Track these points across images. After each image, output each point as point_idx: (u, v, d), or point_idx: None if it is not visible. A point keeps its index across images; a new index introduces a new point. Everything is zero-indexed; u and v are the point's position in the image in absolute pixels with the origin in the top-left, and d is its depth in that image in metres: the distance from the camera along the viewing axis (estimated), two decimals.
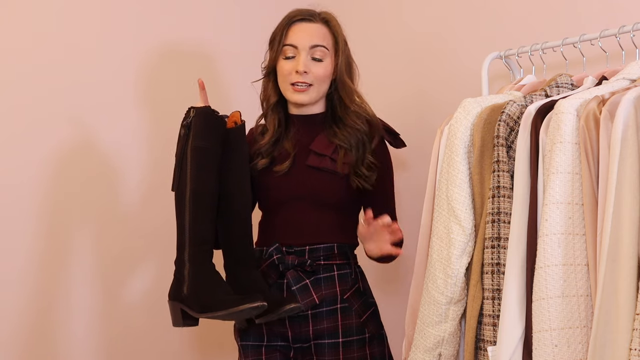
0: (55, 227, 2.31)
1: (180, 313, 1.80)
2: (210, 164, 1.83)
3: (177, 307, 1.80)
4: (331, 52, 1.93)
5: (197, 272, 1.78)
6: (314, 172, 1.91)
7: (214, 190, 1.83)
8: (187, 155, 1.82)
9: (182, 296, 1.78)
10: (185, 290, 1.78)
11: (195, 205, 1.80)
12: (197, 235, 1.80)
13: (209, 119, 1.85)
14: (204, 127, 1.83)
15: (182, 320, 1.81)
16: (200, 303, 1.75)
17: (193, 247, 1.79)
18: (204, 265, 1.79)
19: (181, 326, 1.82)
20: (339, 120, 1.95)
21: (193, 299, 1.76)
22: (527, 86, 1.77)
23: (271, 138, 1.96)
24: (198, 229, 1.80)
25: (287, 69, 1.91)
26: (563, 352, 1.41)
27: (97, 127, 2.38)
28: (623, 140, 1.33)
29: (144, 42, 2.47)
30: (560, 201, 1.42)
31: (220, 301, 1.74)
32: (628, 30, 1.62)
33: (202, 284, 1.77)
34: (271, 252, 1.89)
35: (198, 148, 1.81)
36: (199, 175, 1.81)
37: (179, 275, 1.81)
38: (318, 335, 1.88)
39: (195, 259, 1.79)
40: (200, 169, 1.81)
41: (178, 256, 1.82)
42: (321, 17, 1.94)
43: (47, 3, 2.31)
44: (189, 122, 1.83)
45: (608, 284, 1.32)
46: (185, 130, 1.84)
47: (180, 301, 1.79)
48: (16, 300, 2.25)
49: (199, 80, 1.94)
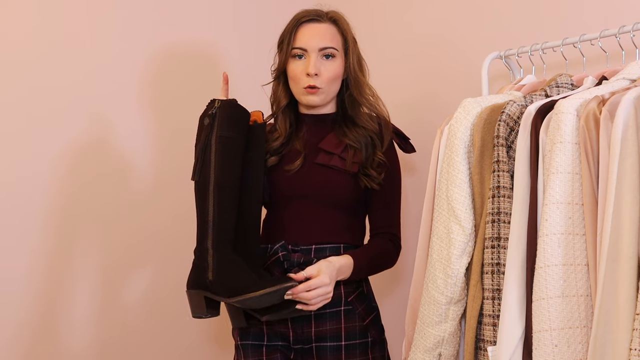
0: (62, 225, 2.31)
1: (203, 301, 1.78)
2: (235, 154, 1.82)
3: (200, 295, 1.78)
4: (341, 52, 1.92)
5: (222, 259, 1.77)
6: (323, 170, 1.90)
7: (237, 180, 1.83)
8: (212, 145, 1.81)
9: (207, 283, 1.76)
10: (211, 277, 1.76)
11: (220, 195, 1.79)
12: (221, 224, 1.79)
13: (235, 110, 1.85)
14: (229, 118, 1.83)
15: (205, 308, 1.78)
16: (228, 287, 1.73)
17: (217, 235, 1.78)
18: (228, 253, 1.78)
19: (203, 315, 1.79)
20: (349, 120, 1.94)
21: (220, 284, 1.75)
22: (527, 86, 1.77)
23: (282, 139, 1.95)
24: (222, 218, 1.79)
25: (298, 72, 1.90)
26: (563, 352, 1.41)
27: (106, 126, 2.39)
28: (623, 140, 1.33)
29: (155, 42, 2.48)
30: (560, 201, 1.42)
31: (251, 284, 1.71)
32: (628, 30, 1.62)
33: (228, 270, 1.75)
34: (276, 249, 1.87)
35: (223, 137, 1.81)
36: (223, 165, 1.80)
37: (201, 263, 1.79)
38: (320, 338, 1.87)
39: (220, 246, 1.78)
40: (225, 158, 1.81)
41: (199, 245, 1.80)
42: (329, 16, 1.93)
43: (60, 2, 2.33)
44: (214, 112, 1.83)
45: (608, 284, 1.32)
46: (210, 120, 1.83)
47: (205, 288, 1.77)
48: (22, 295, 2.25)
49: (223, 74, 1.94)
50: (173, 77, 2.52)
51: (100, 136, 2.39)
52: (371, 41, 2.35)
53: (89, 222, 2.36)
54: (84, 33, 2.36)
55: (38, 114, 2.27)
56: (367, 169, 1.89)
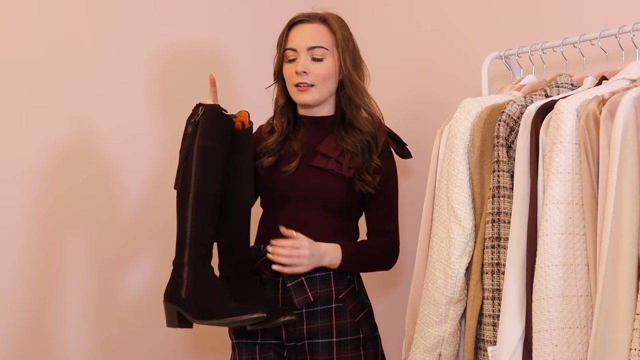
0: (50, 225, 2.30)
1: (175, 315, 1.79)
2: (216, 165, 1.80)
3: (173, 309, 1.79)
4: (332, 51, 1.93)
5: (196, 276, 1.77)
6: (319, 173, 1.92)
7: (217, 192, 1.81)
8: (193, 155, 1.78)
9: (180, 299, 1.77)
10: (184, 294, 1.77)
11: (198, 207, 1.78)
12: (198, 237, 1.78)
13: (218, 118, 1.82)
14: (211, 127, 1.79)
15: (177, 322, 1.80)
16: (199, 308, 1.74)
17: (193, 249, 1.78)
18: (203, 270, 1.78)
19: (175, 327, 1.81)
20: (347, 123, 1.95)
21: (191, 303, 1.75)
22: (527, 86, 1.77)
23: (278, 137, 1.97)
24: (199, 231, 1.78)
25: (290, 72, 1.93)
26: (563, 352, 1.41)
27: (98, 125, 2.38)
28: (623, 140, 1.33)
29: (155, 43, 2.47)
30: (560, 201, 1.42)
31: (220, 309, 1.73)
32: (628, 30, 1.62)
33: (200, 289, 1.76)
34: (267, 249, 1.88)
35: (205, 148, 1.78)
36: (203, 176, 1.78)
37: (177, 278, 1.79)
38: (312, 335, 1.88)
39: (196, 262, 1.78)
40: (206, 170, 1.78)
41: (177, 257, 1.80)
42: (319, 16, 1.95)
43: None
44: (197, 120, 1.80)
45: (608, 284, 1.32)
46: (193, 128, 1.80)
47: (178, 304, 1.78)
48: (9, 297, 2.24)
49: (210, 76, 1.92)
50: (172, 77, 2.51)
51: (97, 136, 2.38)
52: (371, 41, 2.35)
53: (82, 222, 2.35)
54: (83, 33, 2.36)
55: (35, 113, 2.27)
56: (363, 174, 1.91)
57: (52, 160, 2.31)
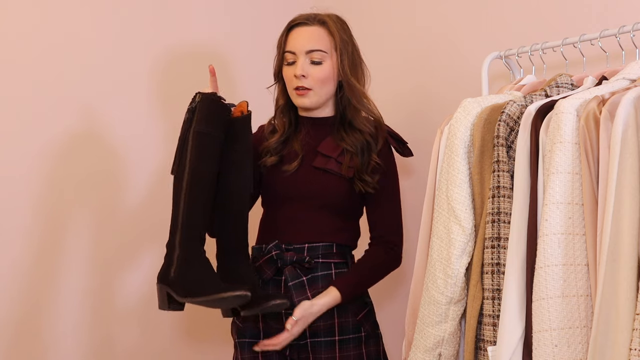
0: (50, 222, 2.31)
1: (166, 296, 1.80)
2: (210, 150, 1.82)
3: (164, 290, 1.80)
4: (330, 54, 1.93)
5: (185, 257, 1.77)
6: (320, 174, 1.93)
7: (212, 177, 1.82)
8: (189, 140, 1.81)
9: (169, 279, 1.78)
10: (172, 274, 1.77)
11: (192, 190, 1.79)
12: (190, 220, 1.79)
13: (214, 105, 1.85)
14: (207, 113, 1.83)
15: (167, 303, 1.80)
16: (185, 288, 1.75)
17: (185, 231, 1.79)
18: (193, 251, 1.79)
19: (166, 309, 1.81)
20: (347, 124, 1.96)
21: (179, 282, 1.76)
22: (527, 86, 1.77)
23: (280, 137, 1.98)
24: (192, 214, 1.79)
25: (289, 75, 1.94)
26: (563, 352, 1.41)
27: (101, 123, 2.39)
28: (623, 140, 1.33)
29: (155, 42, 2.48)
30: (560, 201, 1.42)
31: (204, 287, 1.73)
32: (628, 30, 1.62)
33: (189, 269, 1.76)
34: (270, 248, 1.90)
35: (200, 133, 1.81)
36: (198, 161, 1.80)
37: (168, 259, 1.81)
38: (314, 333, 1.89)
39: (187, 244, 1.78)
40: (200, 154, 1.80)
41: (170, 239, 1.82)
42: (318, 19, 1.94)
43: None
44: (194, 106, 1.84)
45: (608, 284, 1.32)
46: (190, 115, 1.84)
47: (167, 284, 1.78)
48: (7, 295, 2.24)
49: (210, 66, 1.93)
50: (172, 77, 2.51)
51: (98, 134, 2.38)
52: (371, 41, 2.35)
53: (81, 219, 2.35)
54: (83, 33, 2.36)
55: (35, 111, 2.27)
56: (362, 174, 1.91)
57: (52, 159, 2.31)
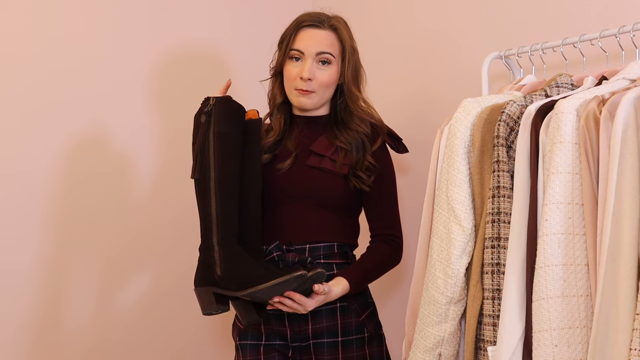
0: (62, 222, 2.32)
1: (212, 298, 1.78)
2: (233, 150, 1.84)
3: (209, 292, 1.78)
4: (337, 59, 1.93)
5: (228, 253, 1.78)
6: (314, 172, 1.92)
7: (237, 175, 1.84)
8: (210, 141, 1.82)
9: (215, 278, 1.77)
10: (219, 272, 1.77)
11: (221, 190, 1.80)
12: (224, 218, 1.80)
13: (230, 106, 1.87)
14: (226, 114, 1.85)
15: (215, 304, 1.78)
16: (238, 281, 1.74)
17: (222, 230, 1.79)
18: (233, 247, 1.79)
19: (214, 312, 1.79)
20: (341, 122, 1.96)
21: (228, 279, 1.75)
22: (527, 86, 1.77)
23: (275, 137, 1.98)
24: (225, 212, 1.80)
25: (293, 74, 1.92)
26: (563, 352, 1.41)
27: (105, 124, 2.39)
28: (623, 140, 1.33)
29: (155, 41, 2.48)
30: (560, 201, 1.42)
31: (259, 276, 1.72)
32: (628, 30, 1.62)
33: (235, 264, 1.76)
34: (271, 249, 1.89)
35: (221, 134, 1.82)
36: (223, 161, 1.82)
37: (207, 260, 1.79)
38: (317, 335, 1.89)
39: (225, 241, 1.79)
40: (224, 154, 1.82)
41: (204, 242, 1.81)
42: (330, 23, 1.94)
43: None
44: (210, 109, 1.85)
45: (608, 284, 1.32)
46: (206, 118, 1.85)
47: (214, 284, 1.77)
48: (22, 295, 2.25)
49: (229, 80, 1.97)
50: (172, 75, 2.52)
51: (99, 134, 2.39)
52: (371, 40, 2.36)
53: (89, 220, 2.36)
54: (83, 32, 2.36)
55: (37, 111, 2.28)
56: (357, 170, 1.91)
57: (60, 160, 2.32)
